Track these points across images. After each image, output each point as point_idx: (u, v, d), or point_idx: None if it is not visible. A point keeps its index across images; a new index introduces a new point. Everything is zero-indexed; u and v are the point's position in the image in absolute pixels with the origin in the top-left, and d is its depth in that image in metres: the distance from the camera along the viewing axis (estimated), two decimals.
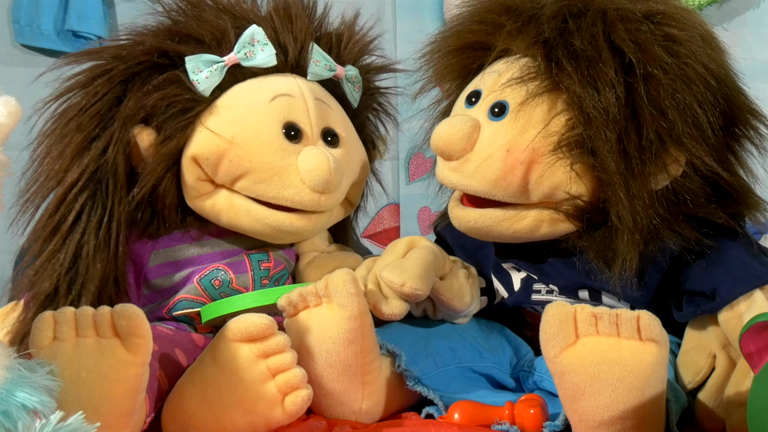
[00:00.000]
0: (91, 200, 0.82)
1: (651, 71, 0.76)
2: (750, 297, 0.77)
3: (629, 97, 0.76)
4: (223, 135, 0.84)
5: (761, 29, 1.57)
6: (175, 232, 0.89)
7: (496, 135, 0.80)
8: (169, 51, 0.86)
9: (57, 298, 0.79)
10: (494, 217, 0.82)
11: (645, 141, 0.76)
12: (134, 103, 0.84)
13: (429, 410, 0.78)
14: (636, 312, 0.67)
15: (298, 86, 0.89)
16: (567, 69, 0.77)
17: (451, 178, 0.83)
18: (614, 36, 0.77)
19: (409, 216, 1.69)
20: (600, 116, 0.76)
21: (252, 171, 0.85)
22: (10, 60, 1.65)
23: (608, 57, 0.76)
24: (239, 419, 0.70)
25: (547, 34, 0.79)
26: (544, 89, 0.79)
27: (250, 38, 0.87)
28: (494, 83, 0.83)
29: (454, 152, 0.81)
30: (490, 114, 0.82)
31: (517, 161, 0.79)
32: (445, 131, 0.81)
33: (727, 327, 0.78)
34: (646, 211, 0.77)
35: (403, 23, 1.70)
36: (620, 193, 0.76)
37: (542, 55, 0.79)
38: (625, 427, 0.66)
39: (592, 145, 0.77)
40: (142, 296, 0.88)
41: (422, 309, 0.87)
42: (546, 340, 0.67)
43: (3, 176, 0.59)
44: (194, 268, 0.89)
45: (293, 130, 0.86)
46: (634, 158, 0.76)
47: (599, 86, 0.76)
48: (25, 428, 0.54)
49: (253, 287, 0.90)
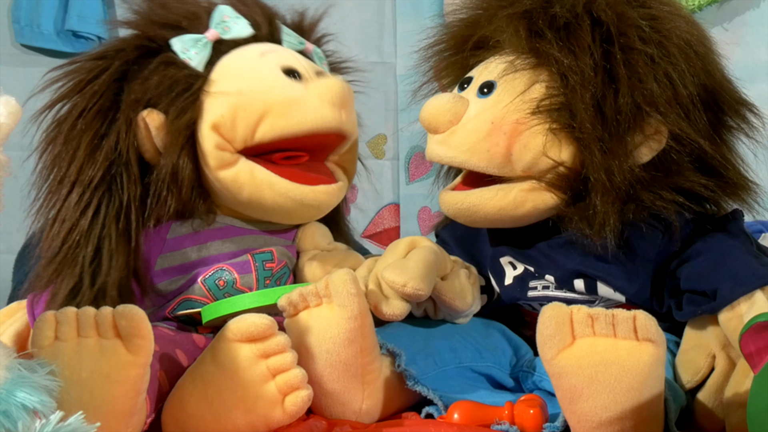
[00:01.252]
0: (108, 194, 0.83)
1: (630, 40, 0.79)
2: (751, 297, 0.77)
3: (607, 64, 0.79)
4: (230, 91, 0.86)
5: (761, 29, 1.57)
6: (181, 234, 0.89)
7: (481, 109, 0.84)
8: (153, 37, 0.88)
9: (82, 290, 0.81)
10: (480, 195, 0.84)
11: (622, 104, 0.78)
12: (135, 90, 0.85)
13: (429, 410, 0.78)
14: (632, 312, 0.67)
15: (279, 47, 0.93)
16: (547, 36, 0.80)
17: (438, 151, 0.85)
18: (594, 7, 0.81)
19: (409, 216, 1.69)
20: (577, 78, 0.79)
21: (269, 111, 0.86)
22: (10, 60, 1.66)
23: (587, 24, 0.80)
24: (239, 419, 0.70)
25: (528, 6, 0.83)
26: (528, 65, 0.83)
27: (221, 16, 0.91)
28: (485, 68, 0.87)
29: (441, 124, 0.84)
30: (478, 93, 0.85)
31: (501, 131, 0.82)
32: (432, 104, 0.85)
33: (728, 327, 0.78)
34: (623, 171, 0.79)
35: (403, 23, 1.70)
36: (597, 152, 0.79)
37: (524, 27, 0.82)
38: (624, 428, 0.66)
39: (570, 107, 0.79)
40: (146, 298, 0.88)
41: (423, 309, 0.88)
42: (543, 342, 0.67)
43: (3, 176, 0.59)
44: (199, 269, 0.89)
45: (293, 72, 0.89)
46: (611, 119, 0.79)
47: (577, 51, 0.79)
48: (25, 428, 0.54)
49: (257, 287, 0.90)
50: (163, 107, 0.86)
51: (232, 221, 0.92)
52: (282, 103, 0.86)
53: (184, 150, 0.85)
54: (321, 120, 0.86)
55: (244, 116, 0.85)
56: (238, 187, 0.87)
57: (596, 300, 0.86)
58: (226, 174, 0.87)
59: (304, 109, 0.86)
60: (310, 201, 0.89)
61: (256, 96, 0.86)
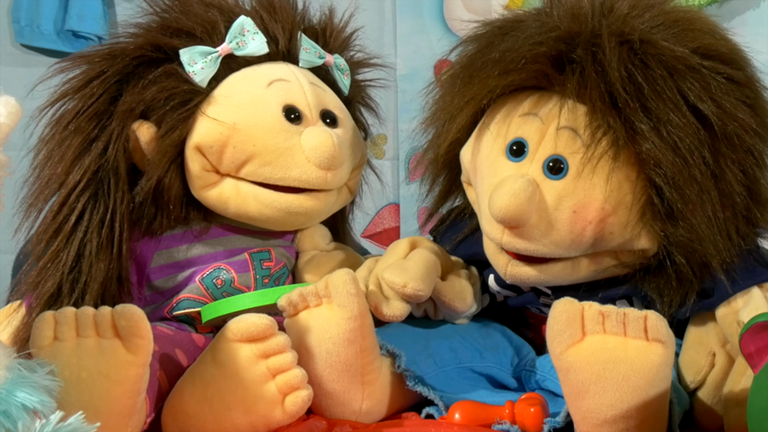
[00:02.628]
0: (93, 199, 0.82)
1: (733, 131, 0.74)
2: (748, 293, 0.77)
3: (714, 161, 0.74)
4: (225, 122, 0.85)
5: (761, 29, 1.57)
6: (177, 231, 0.89)
7: (560, 197, 0.76)
8: (162, 45, 0.86)
9: (60, 298, 0.79)
10: (554, 273, 0.80)
11: (727, 200, 0.76)
12: (131, 98, 0.84)
13: (429, 410, 0.78)
14: (643, 312, 0.66)
15: (292, 72, 0.90)
16: (646, 133, 0.73)
17: (515, 244, 0.78)
18: (690, 95, 0.74)
19: (409, 216, 1.69)
20: (689, 184, 0.73)
21: (257, 155, 0.85)
22: (10, 60, 1.66)
23: (690, 120, 0.73)
24: (239, 419, 0.70)
25: (620, 94, 0.73)
26: (610, 147, 0.74)
27: (240, 29, 0.88)
28: (541, 134, 0.78)
29: (522, 222, 0.76)
30: (546, 171, 0.77)
31: (586, 221, 0.76)
32: (512, 202, 0.74)
33: (724, 323, 0.78)
34: (724, 264, 0.77)
35: (403, 23, 1.70)
36: (708, 256, 0.76)
37: (618, 119, 0.74)
38: (628, 426, 0.66)
39: (676, 210, 0.74)
40: (144, 296, 0.88)
41: (423, 309, 0.87)
42: (552, 336, 0.67)
43: (3, 176, 0.59)
44: (196, 267, 0.89)
45: (293, 113, 0.87)
46: (721, 220, 0.75)
47: (685, 153, 0.73)
48: (25, 428, 0.54)
49: (254, 286, 0.90)
50: (156, 120, 0.85)
51: (229, 221, 0.91)
52: (271, 152, 0.85)
53: (171, 167, 0.85)
54: (305, 178, 0.86)
55: (232, 152, 0.85)
56: (224, 203, 0.87)
57: None
58: (211, 193, 0.87)
59: (290, 164, 0.85)
60: (296, 209, 0.88)
61: (248, 136, 0.85)
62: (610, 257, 0.80)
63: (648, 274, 0.80)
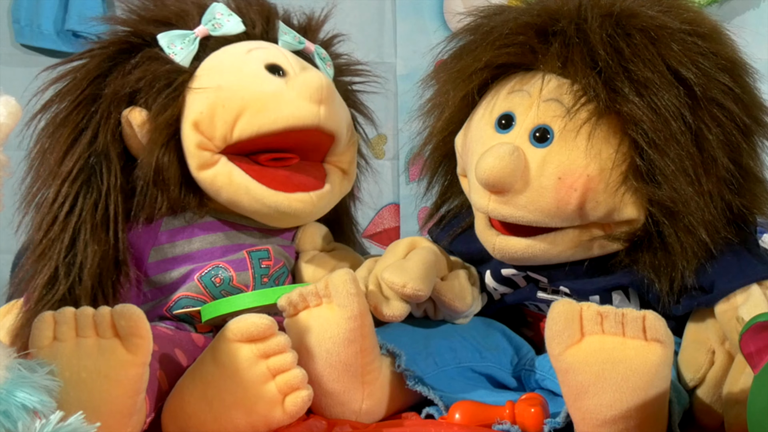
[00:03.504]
0: (86, 185, 0.83)
1: (714, 95, 0.76)
2: (747, 290, 0.77)
3: (695, 124, 0.75)
4: (209, 87, 0.86)
5: (761, 29, 1.57)
6: (175, 226, 0.89)
7: (545, 163, 0.77)
8: (139, 33, 0.88)
9: (57, 282, 0.80)
10: (543, 247, 0.80)
11: (710, 164, 0.76)
12: (116, 84, 0.86)
13: (429, 410, 0.78)
14: (642, 312, 0.66)
15: (272, 45, 0.92)
16: (629, 97, 0.74)
17: (501, 211, 0.79)
18: (671, 59, 0.75)
19: (409, 216, 1.69)
20: (670, 145, 0.74)
21: (246, 107, 0.85)
22: (10, 60, 1.66)
23: (670, 82, 0.75)
24: (239, 419, 0.70)
25: (603, 60, 0.75)
26: (594, 114, 0.76)
27: (213, 14, 0.90)
28: (527, 105, 0.80)
29: (507, 186, 0.77)
30: (532, 140, 0.78)
31: (571, 188, 0.76)
32: (496, 165, 0.76)
33: (723, 319, 0.78)
34: (711, 230, 0.77)
35: (403, 23, 1.70)
36: (692, 220, 0.76)
37: (600, 84, 0.75)
38: (628, 427, 0.66)
39: (659, 173, 0.75)
40: (142, 293, 0.88)
41: (423, 309, 0.87)
42: (551, 337, 0.67)
43: (3, 176, 0.59)
44: (194, 265, 0.89)
45: (277, 70, 0.88)
46: (704, 183, 0.76)
47: (667, 114, 0.74)
48: (25, 428, 0.54)
49: (253, 285, 0.90)
50: (145, 103, 0.86)
51: (227, 216, 0.91)
52: (259, 98, 0.85)
53: (167, 147, 0.85)
54: (297, 115, 0.85)
55: (222, 113, 0.85)
56: (216, 190, 0.87)
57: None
58: (206, 175, 0.87)
59: (280, 104, 0.85)
60: (285, 209, 0.88)
61: (235, 92, 0.85)
62: (597, 229, 0.80)
63: (639, 252, 0.80)
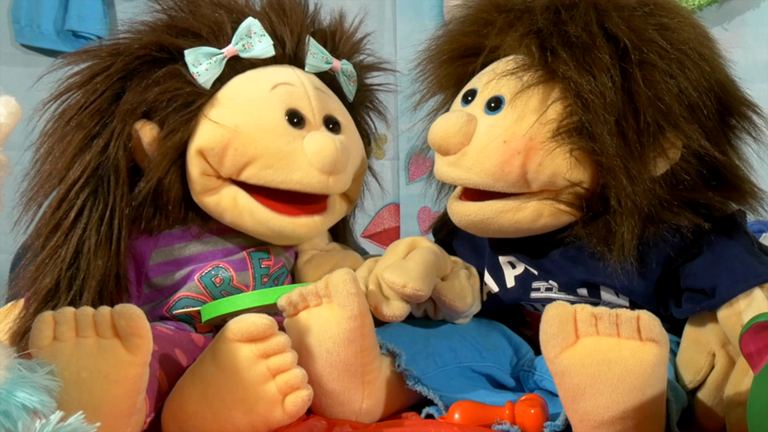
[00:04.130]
0: (93, 196, 0.82)
1: (646, 56, 0.78)
2: (749, 295, 0.77)
3: (625, 82, 0.78)
4: (226, 124, 0.85)
5: (761, 29, 1.57)
6: (176, 230, 0.89)
7: (492, 127, 0.81)
8: (167, 45, 0.86)
9: (58, 294, 0.79)
10: (494, 209, 0.83)
11: (642, 124, 0.77)
12: (134, 97, 0.84)
13: (429, 410, 0.78)
14: (636, 312, 0.67)
15: (297, 76, 0.90)
16: (562, 56, 0.79)
17: (450, 173, 0.84)
18: (608, 23, 0.79)
19: (409, 216, 1.69)
20: (597, 100, 0.77)
21: (258, 157, 0.85)
22: (10, 60, 1.66)
23: (603, 43, 0.78)
24: (239, 419, 0.70)
25: (540, 25, 0.81)
26: (538, 79, 0.80)
27: (247, 30, 0.88)
28: (489, 80, 0.84)
29: (451, 146, 0.82)
30: (486, 108, 0.83)
31: (515, 151, 0.80)
32: (441, 126, 0.82)
33: (726, 324, 0.78)
34: (646, 193, 0.78)
35: (403, 23, 1.70)
36: (620, 175, 0.77)
37: (536, 45, 0.80)
38: (626, 427, 0.66)
39: (590, 130, 0.78)
40: (143, 294, 0.89)
41: (423, 309, 0.87)
42: (546, 340, 0.67)
43: (3, 176, 0.59)
44: (195, 266, 0.89)
45: (296, 117, 0.87)
46: (633, 141, 0.77)
47: (595, 72, 0.77)
48: (25, 428, 0.54)
49: (253, 285, 0.90)
50: (159, 121, 0.85)
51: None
52: (272, 154, 0.85)
53: (171, 170, 0.85)
54: (305, 183, 0.86)
55: (233, 155, 0.85)
56: (220, 212, 0.88)
57: (599, 304, 0.86)
58: (210, 199, 0.87)
59: (292, 167, 0.85)
60: (289, 233, 0.88)
61: (250, 139, 0.85)
62: (546, 195, 0.81)
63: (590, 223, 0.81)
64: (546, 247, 0.86)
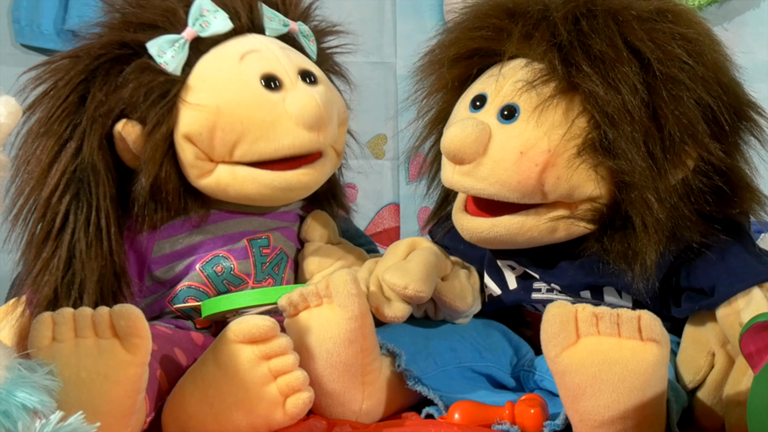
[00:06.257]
0: (76, 200, 0.81)
1: (670, 71, 0.76)
2: (748, 294, 0.77)
3: (651, 98, 0.76)
4: (207, 106, 0.85)
5: (761, 29, 1.57)
6: (176, 220, 0.89)
7: (509, 138, 0.79)
8: (127, 41, 0.86)
9: (58, 303, 0.79)
10: (507, 225, 0.81)
11: (668, 141, 0.76)
12: (106, 97, 0.84)
13: (429, 410, 0.78)
14: (637, 312, 0.67)
15: (261, 42, 0.90)
16: (586, 71, 0.77)
17: (463, 183, 0.82)
18: (631, 36, 0.77)
19: (409, 216, 1.69)
20: (624, 117, 0.76)
21: (246, 132, 0.84)
22: (10, 60, 1.65)
23: (627, 58, 0.76)
24: (240, 420, 0.70)
25: (563, 37, 0.78)
26: (557, 91, 0.78)
27: (200, 10, 0.88)
28: (500, 86, 0.82)
29: (467, 155, 0.80)
30: (500, 117, 0.81)
31: (533, 163, 0.78)
32: (457, 135, 0.80)
33: (725, 323, 0.78)
34: (671, 212, 0.77)
35: (403, 23, 1.70)
36: (647, 194, 0.76)
37: (559, 59, 0.78)
38: (626, 427, 0.66)
39: (615, 147, 0.76)
40: (144, 288, 0.88)
41: (424, 310, 0.87)
42: (547, 339, 0.67)
43: (3, 176, 0.60)
44: (196, 255, 0.89)
45: (272, 81, 0.87)
46: (659, 159, 0.76)
47: (621, 88, 0.76)
48: (25, 428, 0.54)
49: (254, 274, 0.90)
50: (139, 116, 0.84)
51: (226, 206, 0.91)
52: (259, 126, 0.84)
53: (165, 162, 0.85)
54: (297, 144, 0.85)
55: (221, 136, 0.84)
56: (223, 189, 0.87)
57: (601, 305, 0.86)
58: (208, 181, 0.87)
59: (280, 133, 0.85)
60: (296, 184, 0.88)
61: (234, 116, 0.84)
62: (562, 209, 0.80)
63: (606, 236, 0.80)
64: (547, 251, 0.85)
